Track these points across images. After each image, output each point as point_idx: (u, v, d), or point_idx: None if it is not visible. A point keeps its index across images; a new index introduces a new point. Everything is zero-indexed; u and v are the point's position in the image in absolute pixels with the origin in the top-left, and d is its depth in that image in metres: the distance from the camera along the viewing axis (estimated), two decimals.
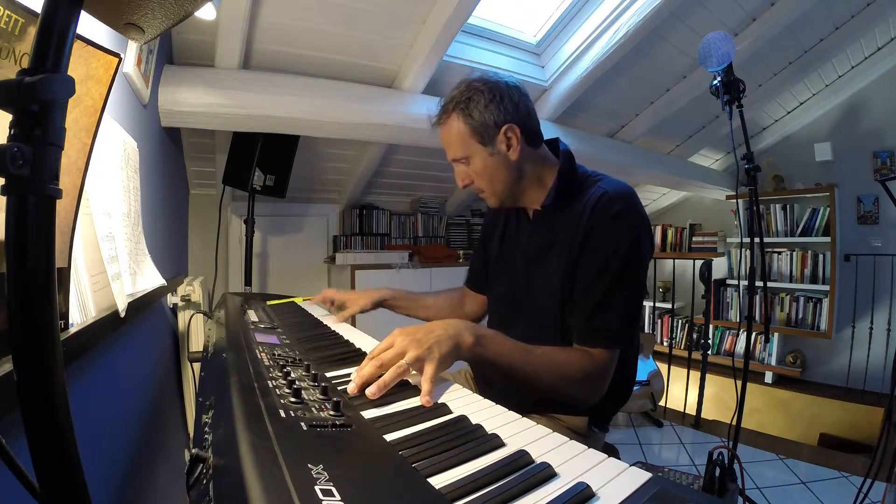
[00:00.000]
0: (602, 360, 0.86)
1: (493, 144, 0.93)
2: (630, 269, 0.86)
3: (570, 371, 0.84)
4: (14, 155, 0.28)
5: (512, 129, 0.92)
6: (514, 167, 0.95)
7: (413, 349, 0.67)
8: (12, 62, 0.51)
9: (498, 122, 0.92)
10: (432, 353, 0.68)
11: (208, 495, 0.34)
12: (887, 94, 3.41)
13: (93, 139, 0.63)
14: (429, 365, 0.66)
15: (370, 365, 0.65)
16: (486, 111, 0.91)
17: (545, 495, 0.37)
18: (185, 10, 0.40)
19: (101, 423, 0.77)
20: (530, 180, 0.98)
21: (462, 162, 0.97)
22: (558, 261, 0.93)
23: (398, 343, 0.69)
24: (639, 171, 3.31)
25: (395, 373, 0.63)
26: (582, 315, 0.88)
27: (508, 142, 0.93)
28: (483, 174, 0.95)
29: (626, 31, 2.22)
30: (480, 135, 0.92)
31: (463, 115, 0.93)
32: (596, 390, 0.87)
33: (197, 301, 1.73)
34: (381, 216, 3.28)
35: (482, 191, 0.99)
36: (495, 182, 0.96)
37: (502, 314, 1.10)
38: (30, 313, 0.30)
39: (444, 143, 0.98)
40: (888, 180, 1.55)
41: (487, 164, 0.94)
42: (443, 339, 0.71)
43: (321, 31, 1.87)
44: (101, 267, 0.73)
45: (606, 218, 0.87)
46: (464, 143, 0.94)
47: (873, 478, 1.50)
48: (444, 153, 1.00)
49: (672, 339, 4.17)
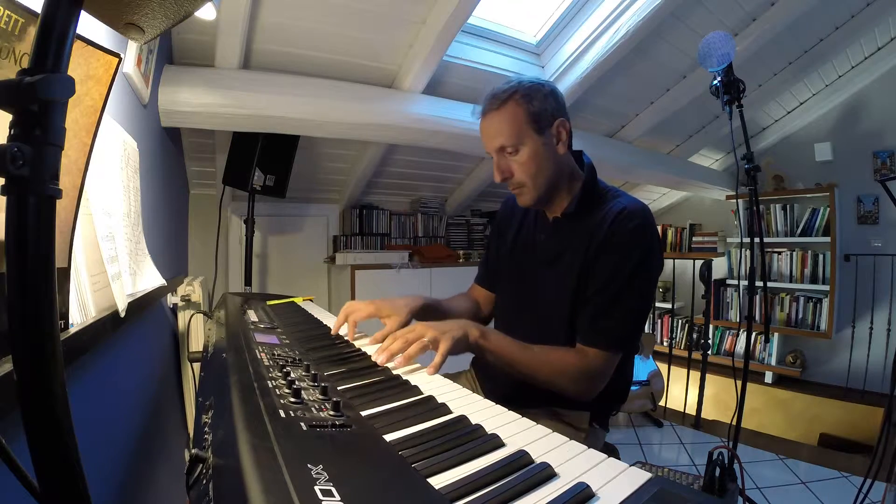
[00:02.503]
0: (598, 360, 0.90)
1: (546, 134, 0.95)
2: (638, 281, 0.91)
3: (564, 368, 0.89)
4: (14, 155, 0.28)
5: (563, 123, 0.96)
6: (558, 163, 0.98)
7: (431, 332, 0.80)
8: (12, 62, 0.51)
9: (554, 114, 0.95)
10: (446, 337, 0.80)
11: (208, 495, 0.34)
12: (887, 94, 3.40)
13: (93, 139, 0.63)
14: (443, 343, 0.79)
15: (398, 340, 0.77)
16: (546, 101, 0.94)
17: (545, 495, 0.37)
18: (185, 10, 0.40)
19: (101, 423, 0.77)
20: (563, 183, 1.01)
21: (509, 151, 0.95)
22: (570, 267, 0.96)
23: (418, 328, 0.81)
24: (639, 171, 3.31)
25: (419, 346, 0.77)
26: (587, 316, 0.92)
27: (559, 136, 0.96)
28: (530, 164, 0.95)
29: (626, 31, 2.21)
30: (538, 122, 0.94)
31: (524, 102, 0.93)
32: (590, 387, 0.91)
33: (197, 301, 1.73)
34: (381, 216, 3.28)
35: (522, 185, 0.98)
36: (539, 175, 0.96)
37: (509, 313, 1.13)
38: (30, 313, 0.30)
39: (489, 133, 0.97)
40: (888, 180, 1.55)
41: (539, 152, 0.94)
42: (455, 329, 0.84)
43: (321, 31, 1.87)
44: (101, 267, 0.73)
45: (624, 231, 0.91)
46: (518, 130, 0.93)
47: (873, 478, 1.50)
48: (444, 153, 1.01)
49: (672, 339, 4.17)
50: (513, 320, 1.10)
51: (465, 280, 1.35)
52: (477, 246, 3.61)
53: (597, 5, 2.28)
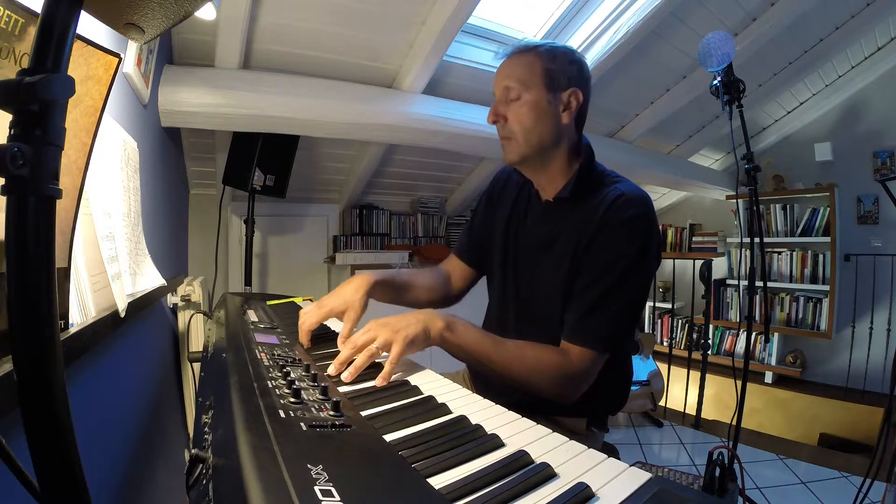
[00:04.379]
0: (582, 360, 0.84)
1: (555, 94, 0.91)
2: (631, 276, 0.84)
3: (541, 366, 0.83)
4: (14, 155, 0.28)
5: (577, 95, 0.92)
6: (557, 129, 0.92)
7: (383, 334, 0.72)
8: (12, 62, 0.51)
9: (571, 81, 0.91)
10: (399, 337, 0.71)
11: (208, 495, 0.34)
12: (887, 94, 3.41)
13: (93, 139, 0.63)
14: (396, 346, 0.70)
15: (345, 348, 0.70)
16: (568, 66, 0.91)
17: (545, 495, 0.37)
18: (185, 10, 0.40)
19: (101, 423, 0.77)
20: (559, 156, 0.95)
21: (511, 96, 0.91)
22: (563, 253, 0.91)
23: (371, 329, 0.73)
24: (639, 171, 3.30)
25: (366, 356, 0.69)
26: (576, 312, 0.86)
27: (568, 104, 0.92)
28: (528, 114, 0.90)
29: (626, 31, 2.22)
30: (551, 78, 0.90)
31: (545, 57, 0.91)
32: (570, 388, 0.84)
33: (197, 301, 1.73)
34: (381, 216, 3.28)
35: (512, 135, 0.93)
36: (533, 130, 0.91)
37: (500, 299, 1.06)
38: (30, 313, 0.30)
39: (502, 73, 0.94)
40: (888, 180, 1.55)
41: (539, 106, 0.90)
42: (412, 324, 0.74)
43: (321, 31, 1.87)
44: (101, 267, 0.73)
45: (617, 220, 0.85)
46: (529, 77, 0.90)
47: (873, 478, 1.50)
48: (444, 153, 1.00)
49: (672, 339, 4.17)
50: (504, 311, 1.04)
51: None
52: None
53: (597, 5, 2.27)
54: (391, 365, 0.68)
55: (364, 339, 0.71)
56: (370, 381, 0.66)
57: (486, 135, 2.35)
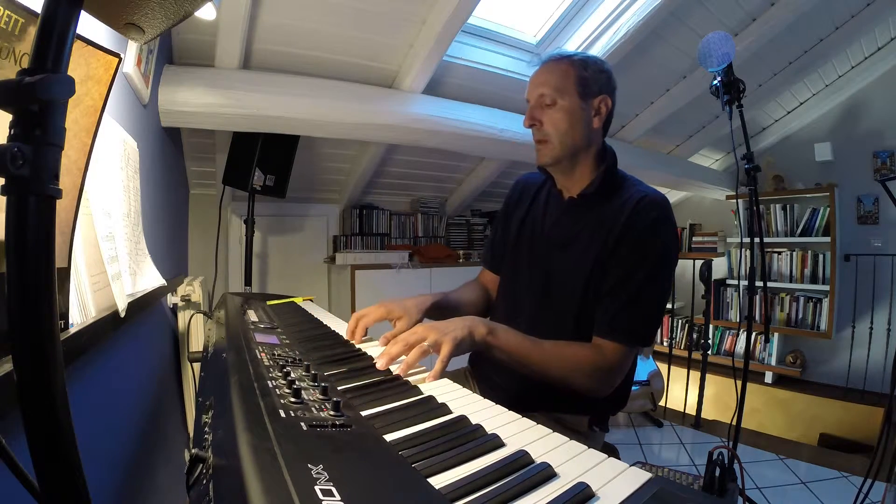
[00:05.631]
0: (616, 355, 0.89)
1: (587, 101, 0.98)
2: (660, 274, 0.91)
3: (579, 363, 0.88)
4: (14, 155, 0.28)
5: (606, 101, 1.00)
6: (588, 134, 1.00)
7: (433, 335, 0.76)
8: (12, 62, 0.51)
9: (602, 89, 0.99)
10: (448, 338, 0.76)
11: (208, 495, 0.34)
12: (887, 94, 3.40)
13: (93, 139, 0.63)
14: (445, 346, 0.75)
15: (398, 345, 0.74)
16: (599, 75, 0.99)
17: (545, 495, 0.37)
18: (185, 10, 0.40)
19: (101, 423, 0.77)
20: (587, 159, 1.02)
21: (546, 102, 0.98)
22: (586, 251, 0.95)
23: (420, 330, 0.78)
24: (639, 171, 3.30)
25: (419, 352, 0.72)
26: (609, 310, 0.91)
27: (599, 110, 0.99)
28: (563, 120, 0.97)
29: (626, 31, 2.22)
30: (583, 87, 0.97)
31: (578, 66, 0.98)
32: (607, 382, 0.90)
33: (197, 301, 1.73)
34: (381, 216, 3.28)
35: (547, 138, 0.99)
36: (567, 134, 0.98)
37: (513, 294, 1.10)
38: (30, 313, 0.30)
39: (537, 81, 1.00)
40: (888, 180, 1.55)
41: (574, 112, 0.97)
42: (459, 328, 0.80)
43: (321, 31, 1.87)
44: (101, 267, 0.73)
45: (646, 221, 0.91)
46: (563, 85, 0.97)
47: (873, 478, 1.50)
48: (444, 153, 1.01)
49: (672, 339, 4.18)
50: (517, 306, 1.07)
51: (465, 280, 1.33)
52: (477, 246, 3.61)
53: (597, 5, 2.28)
54: (441, 364, 0.72)
55: (415, 338, 0.76)
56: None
57: (486, 135, 2.36)
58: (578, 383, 0.88)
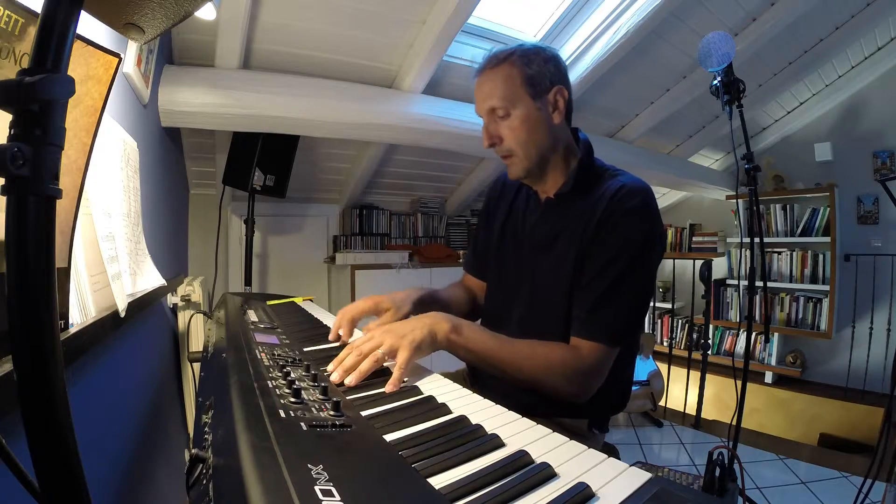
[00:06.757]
0: (594, 355, 0.82)
1: (541, 99, 0.89)
2: (638, 266, 0.83)
3: (553, 364, 0.81)
4: (14, 155, 0.28)
5: (562, 91, 0.91)
6: (552, 133, 0.92)
7: (388, 339, 0.71)
8: (12, 62, 0.51)
9: (553, 80, 0.90)
10: (405, 342, 0.70)
11: (208, 495, 0.34)
12: (887, 94, 3.41)
13: (93, 139, 0.63)
14: (402, 351, 0.69)
15: (351, 355, 0.68)
16: (545, 66, 0.89)
17: (545, 495, 0.37)
18: (185, 10, 0.40)
19: (101, 423, 0.77)
20: (557, 158, 0.94)
21: (499, 114, 0.90)
22: (568, 249, 0.90)
23: (376, 335, 0.73)
24: (639, 171, 3.30)
25: (371, 362, 0.67)
26: (583, 306, 0.85)
27: (556, 104, 0.91)
28: (521, 130, 0.89)
29: (626, 31, 2.22)
30: (533, 86, 0.88)
31: (521, 64, 0.88)
32: (582, 385, 0.82)
33: (197, 301, 1.73)
34: (381, 216, 3.28)
35: (511, 153, 0.92)
36: (530, 143, 0.90)
37: (500, 300, 1.05)
38: (30, 313, 0.30)
39: (482, 93, 0.92)
40: (888, 180, 1.55)
41: (531, 117, 0.89)
42: (417, 328, 0.74)
43: (321, 31, 1.87)
44: (101, 267, 0.73)
45: (621, 211, 0.84)
46: (511, 92, 0.88)
47: (873, 478, 1.50)
48: (444, 153, 0.99)
49: (672, 339, 4.17)
50: (505, 312, 1.02)
51: None
52: None
53: (597, 5, 2.28)
54: (399, 371, 0.66)
55: (369, 345, 0.70)
56: (376, 389, 0.66)
57: None
58: (551, 385, 0.81)
